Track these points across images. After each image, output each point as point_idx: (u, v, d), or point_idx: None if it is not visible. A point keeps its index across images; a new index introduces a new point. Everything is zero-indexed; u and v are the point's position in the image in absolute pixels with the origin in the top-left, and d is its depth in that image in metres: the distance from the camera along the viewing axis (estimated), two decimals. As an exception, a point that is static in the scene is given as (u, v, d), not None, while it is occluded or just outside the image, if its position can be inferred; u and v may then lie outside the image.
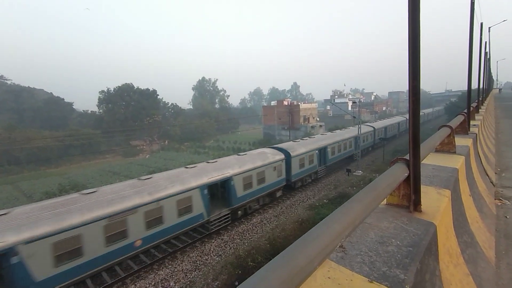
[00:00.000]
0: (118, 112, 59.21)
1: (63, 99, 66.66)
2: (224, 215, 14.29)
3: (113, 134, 55.35)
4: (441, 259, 1.58)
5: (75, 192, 14.80)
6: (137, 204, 10.38)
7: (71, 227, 8.56)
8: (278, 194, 18.18)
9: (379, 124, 37.08)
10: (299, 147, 19.91)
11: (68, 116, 64.08)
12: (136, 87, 63.42)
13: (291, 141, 22.67)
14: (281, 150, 18.67)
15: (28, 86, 73.85)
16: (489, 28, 19.12)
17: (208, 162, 15.17)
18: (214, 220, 13.78)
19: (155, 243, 11.12)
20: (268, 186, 16.72)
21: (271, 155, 17.26)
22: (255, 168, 15.64)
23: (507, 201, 3.87)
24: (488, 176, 4.48)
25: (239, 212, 15.29)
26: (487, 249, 2.51)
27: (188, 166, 14.51)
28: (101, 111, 62.53)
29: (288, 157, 18.36)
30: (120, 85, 62.44)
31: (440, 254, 1.59)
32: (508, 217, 3.39)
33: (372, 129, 32.86)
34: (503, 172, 5.24)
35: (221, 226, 14.19)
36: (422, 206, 1.78)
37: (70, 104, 67.56)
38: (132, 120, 59.20)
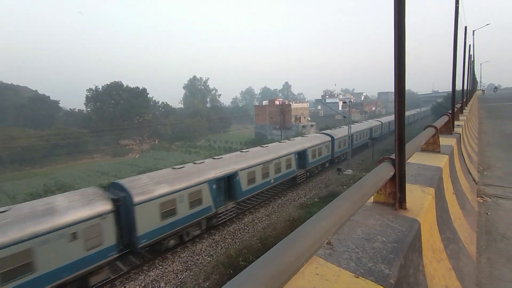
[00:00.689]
0: (107, 110, 58.00)
1: (48, 97, 64.74)
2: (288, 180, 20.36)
3: (102, 133, 54.16)
4: (425, 255, 1.64)
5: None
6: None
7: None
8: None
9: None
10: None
11: (54, 115, 62.22)
12: (125, 85, 62.25)
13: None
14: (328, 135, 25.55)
15: (12, 83, 71.37)
16: (473, 31, 19.79)
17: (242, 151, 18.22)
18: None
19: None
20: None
21: (321, 137, 24.33)
22: (313, 146, 22.33)
23: (488, 198, 4.04)
24: (471, 175, 4.65)
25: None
26: (469, 245, 2.62)
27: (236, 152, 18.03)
28: (88, 109, 61.11)
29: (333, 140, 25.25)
30: (108, 83, 61.17)
31: (424, 250, 1.65)
32: (489, 213, 3.54)
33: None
34: (485, 170, 5.46)
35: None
36: (407, 204, 1.84)
37: (56, 102, 65.65)
38: (121, 119, 58.09)
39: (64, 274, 8.55)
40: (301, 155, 20.97)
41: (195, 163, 14.73)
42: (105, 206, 9.60)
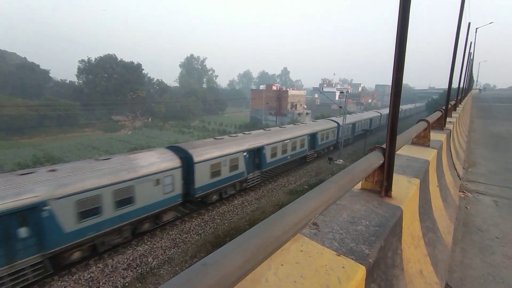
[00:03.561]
0: (99, 84, 56.21)
1: (38, 65, 62.04)
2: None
3: (93, 107, 52.82)
4: (404, 240, 1.73)
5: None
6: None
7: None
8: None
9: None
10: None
11: (44, 85, 59.91)
12: (119, 59, 60.14)
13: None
14: (334, 121, 27.95)
15: (-2, 48, 67.88)
16: (476, 29, 19.68)
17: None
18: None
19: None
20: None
21: (330, 123, 27.31)
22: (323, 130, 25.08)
23: (469, 193, 4.22)
24: (456, 170, 4.82)
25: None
26: (446, 235, 2.77)
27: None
28: (80, 81, 59.04)
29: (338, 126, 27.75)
30: (102, 56, 58.91)
31: (403, 236, 1.74)
32: (468, 208, 3.72)
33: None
34: (470, 167, 5.65)
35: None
36: (392, 192, 1.91)
37: (46, 71, 62.97)
38: (114, 94, 56.53)
39: (150, 209, 11.51)
40: (312, 137, 23.61)
41: (230, 135, 17.34)
42: (176, 162, 12.39)
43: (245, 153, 16.09)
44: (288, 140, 20.01)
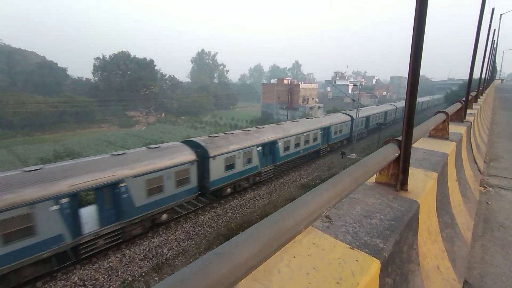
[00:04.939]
0: (114, 81, 57.61)
1: (56, 63, 64.27)
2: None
3: (109, 103, 54.33)
4: (420, 235, 1.68)
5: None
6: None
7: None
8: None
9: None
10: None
11: (62, 82, 62.13)
12: (132, 56, 61.24)
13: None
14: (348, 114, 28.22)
15: (20, 48, 70.73)
16: (501, 15, 18.52)
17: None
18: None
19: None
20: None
21: (343, 116, 27.09)
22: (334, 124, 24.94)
23: (491, 188, 4.04)
24: (477, 164, 4.61)
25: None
26: (465, 231, 2.67)
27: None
28: (96, 78, 60.74)
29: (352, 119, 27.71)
30: (116, 53, 60.18)
31: (420, 230, 1.69)
32: (489, 203, 3.56)
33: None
34: (492, 161, 5.39)
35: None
36: (408, 186, 1.86)
37: (64, 69, 65.17)
38: (128, 90, 57.82)
39: (174, 199, 12.31)
40: (326, 131, 23.75)
41: (243, 130, 17.87)
42: (193, 156, 12.99)
43: (259, 147, 16.52)
44: (301, 134, 20.14)
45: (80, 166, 9.63)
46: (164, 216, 12.26)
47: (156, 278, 9.60)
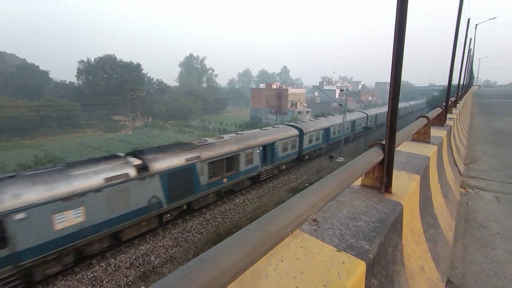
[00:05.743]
0: (99, 84, 56.22)
1: (38, 66, 62.10)
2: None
3: (94, 107, 52.89)
4: (404, 236, 1.73)
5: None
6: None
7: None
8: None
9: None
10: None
11: (44, 86, 59.96)
12: (119, 59, 60.10)
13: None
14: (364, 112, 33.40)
15: (-2, 50, 67.89)
16: (476, 25, 19.58)
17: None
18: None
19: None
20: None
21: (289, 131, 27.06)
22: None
23: (471, 190, 4.21)
24: (457, 166, 4.80)
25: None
26: (447, 231, 2.76)
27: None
28: (80, 82, 59.06)
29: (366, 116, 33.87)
30: (101, 56, 58.89)
31: (404, 232, 1.74)
32: (469, 204, 3.71)
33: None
34: (471, 163, 5.63)
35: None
36: (392, 188, 1.91)
37: (46, 72, 62.98)
38: (114, 94, 56.53)
39: (290, 156, 20.26)
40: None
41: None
42: (297, 132, 20.55)
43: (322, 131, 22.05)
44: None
45: (259, 134, 17.28)
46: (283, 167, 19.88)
47: (143, 287, 9.31)
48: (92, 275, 9.62)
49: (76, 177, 8.81)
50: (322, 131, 24.19)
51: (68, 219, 8.51)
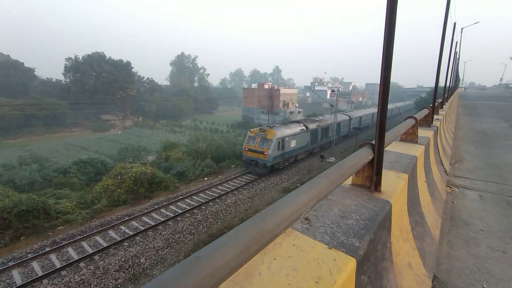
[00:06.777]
0: (87, 82, 54.95)
1: (22, 63, 60.09)
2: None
3: (82, 106, 51.65)
4: (393, 233, 1.78)
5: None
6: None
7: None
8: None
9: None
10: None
11: (29, 83, 57.99)
12: (108, 57, 58.91)
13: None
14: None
15: (-20, 46, 65.23)
16: (462, 29, 20.19)
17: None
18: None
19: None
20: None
21: (343, 116, 34.36)
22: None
23: (456, 188, 4.35)
24: (443, 166, 4.95)
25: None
26: (434, 228, 2.85)
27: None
28: (67, 80, 57.53)
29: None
30: (90, 54, 57.58)
31: (393, 229, 1.79)
32: (455, 202, 3.83)
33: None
34: (456, 163, 5.82)
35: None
36: (381, 187, 1.96)
37: (31, 69, 60.96)
38: (103, 93, 55.39)
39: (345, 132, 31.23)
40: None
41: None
42: (347, 117, 31.09)
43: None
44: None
45: (332, 118, 24.88)
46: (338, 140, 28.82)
47: (132, 289, 9.16)
48: (79, 278, 9.39)
49: (293, 128, 21.42)
50: (358, 119, 35.03)
51: (293, 143, 20.82)
